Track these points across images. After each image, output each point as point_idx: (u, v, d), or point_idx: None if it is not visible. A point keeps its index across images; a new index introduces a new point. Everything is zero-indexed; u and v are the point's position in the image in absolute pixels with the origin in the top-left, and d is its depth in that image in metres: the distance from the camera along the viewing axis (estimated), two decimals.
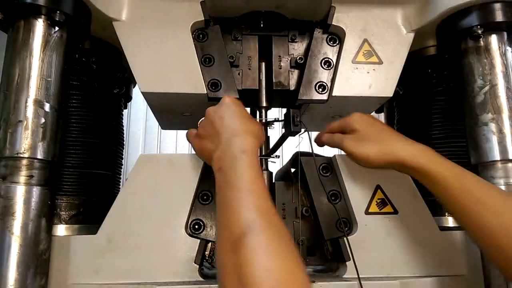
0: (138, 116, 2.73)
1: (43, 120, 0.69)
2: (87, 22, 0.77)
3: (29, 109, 0.68)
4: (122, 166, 0.96)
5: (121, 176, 0.95)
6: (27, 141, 0.67)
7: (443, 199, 0.68)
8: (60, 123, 0.72)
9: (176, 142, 2.75)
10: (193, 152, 0.78)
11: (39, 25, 0.71)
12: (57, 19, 0.71)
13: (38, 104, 0.69)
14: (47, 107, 0.69)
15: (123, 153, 0.97)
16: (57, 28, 0.72)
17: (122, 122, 0.97)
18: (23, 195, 0.66)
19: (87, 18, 0.77)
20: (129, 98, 1.06)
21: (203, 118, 0.74)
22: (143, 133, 2.76)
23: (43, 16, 0.71)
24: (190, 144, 0.79)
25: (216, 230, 0.77)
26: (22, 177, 0.67)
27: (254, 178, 0.59)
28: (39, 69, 0.70)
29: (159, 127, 1.14)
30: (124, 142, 0.99)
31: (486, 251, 0.65)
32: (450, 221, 0.86)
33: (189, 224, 0.78)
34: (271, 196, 0.82)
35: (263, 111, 0.95)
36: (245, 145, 0.63)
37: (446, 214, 0.86)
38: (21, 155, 0.66)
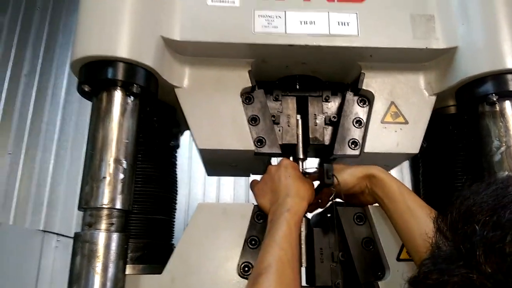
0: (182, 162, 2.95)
1: (122, 176, 0.82)
2: (155, 91, 0.91)
3: (111, 167, 0.81)
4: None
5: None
6: (110, 194, 0.80)
7: (389, 207, 0.86)
8: (133, 177, 0.85)
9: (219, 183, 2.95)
10: (237, 199, 0.90)
11: (118, 95, 0.86)
12: (134, 91, 0.85)
13: (118, 162, 0.82)
14: (125, 164, 0.83)
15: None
16: (132, 98, 0.87)
17: (176, 170, 1.10)
18: (105, 240, 0.78)
19: (155, 87, 0.91)
20: (178, 146, 1.19)
21: (265, 174, 0.95)
22: (188, 170, 2.95)
23: (121, 88, 0.86)
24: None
25: None
26: (104, 224, 0.79)
27: (286, 233, 0.79)
28: (119, 133, 0.84)
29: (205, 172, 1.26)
30: None
31: (408, 250, 0.84)
32: None
33: (239, 266, 0.88)
34: (310, 241, 0.94)
35: (300, 162, 1.07)
36: (291, 205, 0.83)
37: None
38: (105, 206, 0.79)
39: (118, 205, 0.80)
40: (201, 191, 2.98)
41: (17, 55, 3.18)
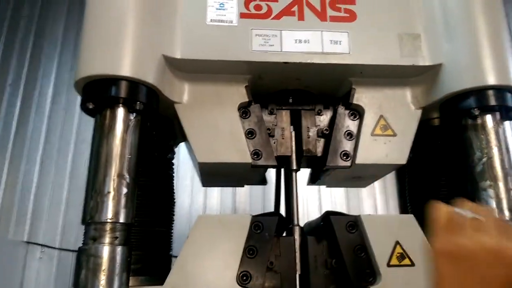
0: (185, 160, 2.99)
1: (125, 191, 0.84)
2: (156, 106, 0.94)
3: (115, 182, 0.83)
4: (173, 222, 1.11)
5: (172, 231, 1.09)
6: (113, 208, 0.82)
7: None
8: (135, 191, 0.88)
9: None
10: (237, 211, 0.94)
11: (121, 112, 0.88)
12: (137, 108, 0.88)
13: (122, 177, 0.84)
14: (128, 179, 0.85)
15: (174, 210, 1.12)
16: (135, 114, 0.89)
17: (173, 182, 1.13)
18: (109, 254, 0.81)
19: (157, 103, 0.94)
20: (173, 159, 1.22)
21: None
22: (191, 177, 2.98)
23: (124, 105, 0.88)
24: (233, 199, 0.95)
25: (262, 281, 0.91)
26: (109, 238, 0.82)
27: None
28: (122, 148, 0.86)
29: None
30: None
31: None
32: None
33: (238, 275, 0.91)
34: (304, 249, 0.97)
35: (294, 173, 1.11)
36: None
37: None
38: (109, 220, 0.82)
39: (122, 219, 0.83)
40: (188, 200, 3.01)
41: (2, 64, 3.15)
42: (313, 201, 3.12)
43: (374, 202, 3.07)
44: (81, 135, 3.01)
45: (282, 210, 1.22)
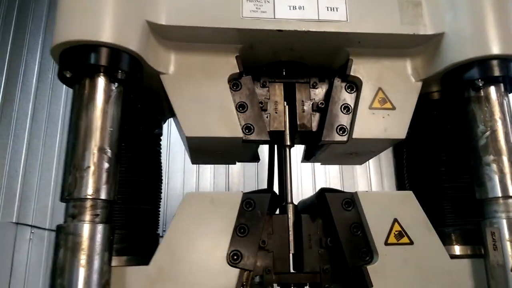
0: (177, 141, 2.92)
1: (107, 165, 0.79)
2: (140, 76, 0.88)
3: (95, 156, 0.78)
4: (162, 200, 1.06)
5: (160, 209, 1.05)
6: (94, 184, 0.77)
7: None
8: (118, 166, 0.82)
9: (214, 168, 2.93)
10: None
11: (102, 82, 0.82)
12: (118, 77, 0.81)
13: (103, 151, 0.79)
14: (109, 153, 0.80)
15: (163, 186, 1.06)
16: (116, 84, 0.83)
17: (160, 159, 1.07)
18: (89, 232, 0.75)
19: (140, 73, 0.88)
20: (161, 134, 1.16)
21: None
22: (183, 160, 2.93)
23: (105, 74, 0.82)
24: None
25: (253, 260, 0.87)
26: (89, 216, 0.76)
27: None
28: (103, 120, 0.80)
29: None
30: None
31: None
32: (457, 250, 0.96)
33: (228, 255, 0.87)
34: (298, 228, 0.93)
35: (287, 149, 1.06)
36: None
37: (454, 243, 0.96)
38: (89, 197, 0.76)
39: (103, 196, 0.78)
40: (180, 180, 2.97)
41: None
42: (307, 179, 3.09)
43: (368, 181, 3.06)
44: (69, 114, 2.92)
45: (276, 189, 1.18)
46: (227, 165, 2.95)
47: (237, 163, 1.26)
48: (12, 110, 2.92)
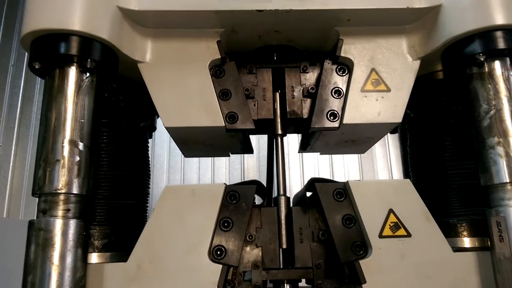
0: (162, 139, 2.87)
1: (78, 158, 0.76)
2: (114, 66, 0.84)
3: (65, 149, 0.75)
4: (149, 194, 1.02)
5: (148, 204, 1.01)
6: (64, 178, 0.74)
7: None
8: (92, 160, 0.79)
9: (199, 163, 2.86)
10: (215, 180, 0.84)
11: (72, 72, 0.79)
12: (88, 66, 0.78)
13: (73, 144, 0.76)
14: (81, 146, 0.77)
15: (150, 181, 1.03)
16: (88, 74, 0.80)
17: (148, 153, 1.04)
18: (61, 228, 0.73)
19: (114, 62, 0.84)
20: (153, 128, 1.13)
21: None
22: (168, 156, 2.88)
23: (75, 64, 0.79)
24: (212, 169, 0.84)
25: (238, 255, 0.82)
26: (60, 211, 0.74)
27: None
28: (73, 112, 0.77)
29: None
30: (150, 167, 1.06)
31: None
32: (466, 242, 0.87)
33: (211, 250, 0.83)
34: (290, 221, 0.88)
35: (279, 138, 1.00)
36: None
37: (461, 235, 0.87)
38: (59, 191, 0.73)
39: (75, 190, 0.75)
40: (165, 175, 2.90)
41: (3, 45, 3.11)
42: (295, 170, 2.98)
43: (361, 173, 2.95)
44: None
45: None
46: (212, 158, 2.79)
47: (230, 155, 1.21)
48: (31, 112, 2.98)
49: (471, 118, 0.83)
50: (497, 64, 0.81)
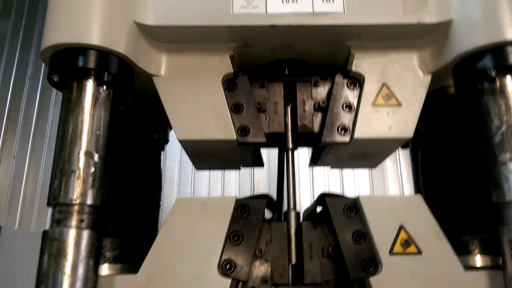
0: (173, 152, 2.89)
1: (93, 170, 0.77)
2: (130, 79, 0.86)
3: (81, 160, 0.76)
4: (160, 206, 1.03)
5: (159, 216, 1.02)
6: (79, 188, 0.75)
7: None
8: (107, 171, 0.81)
9: (210, 176, 2.88)
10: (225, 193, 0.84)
11: (89, 85, 0.81)
12: (105, 79, 0.80)
13: (89, 155, 0.77)
14: (96, 157, 0.78)
15: (161, 193, 1.04)
16: (105, 87, 0.82)
17: (160, 165, 1.05)
18: (74, 238, 0.74)
19: (130, 76, 0.86)
20: (166, 141, 1.14)
21: None
22: (178, 168, 2.90)
23: (92, 77, 0.81)
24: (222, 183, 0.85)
25: (247, 270, 0.82)
26: (74, 221, 0.75)
27: None
28: (90, 124, 0.79)
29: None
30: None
31: None
32: (477, 261, 0.86)
33: (221, 264, 0.83)
34: (299, 235, 0.87)
35: (290, 152, 1.01)
36: None
37: (472, 253, 0.86)
38: (74, 202, 0.75)
39: (89, 201, 0.76)
40: (175, 188, 2.91)
41: (21, 58, 3.19)
42: (305, 184, 2.97)
43: (371, 189, 2.93)
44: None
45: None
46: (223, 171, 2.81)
47: (241, 168, 1.21)
48: (46, 123, 3.04)
49: (482, 134, 0.83)
50: (508, 80, 0.81)
